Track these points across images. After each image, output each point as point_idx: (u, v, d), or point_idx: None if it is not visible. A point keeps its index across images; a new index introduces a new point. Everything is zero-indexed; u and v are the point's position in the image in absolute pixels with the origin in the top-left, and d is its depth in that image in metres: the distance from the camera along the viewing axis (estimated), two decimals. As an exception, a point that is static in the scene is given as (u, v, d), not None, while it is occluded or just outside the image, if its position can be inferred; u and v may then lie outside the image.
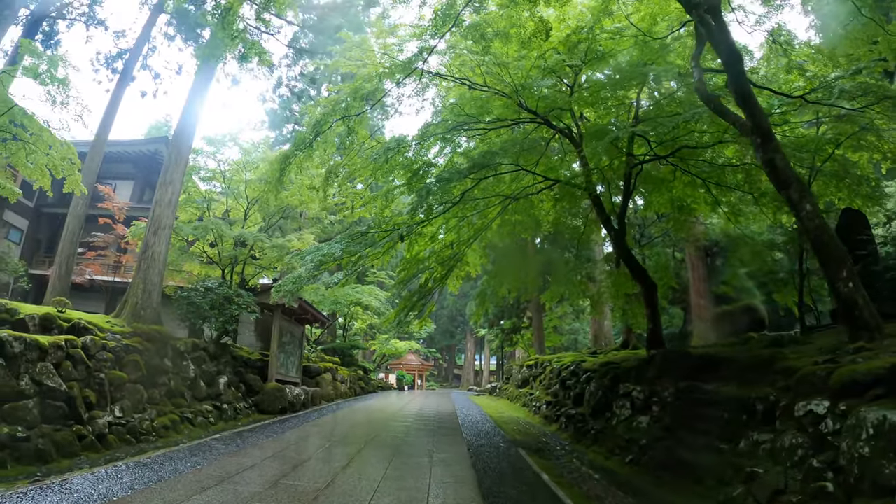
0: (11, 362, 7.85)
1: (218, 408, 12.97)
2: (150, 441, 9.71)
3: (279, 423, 13.41)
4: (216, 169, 18.48)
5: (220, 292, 14.46)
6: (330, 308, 25.81)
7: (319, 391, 19.17)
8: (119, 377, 10.07)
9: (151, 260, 13.63)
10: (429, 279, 13.20)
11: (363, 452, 9.83)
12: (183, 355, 12.74)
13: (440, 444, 11.39)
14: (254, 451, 9.36)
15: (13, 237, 23.20)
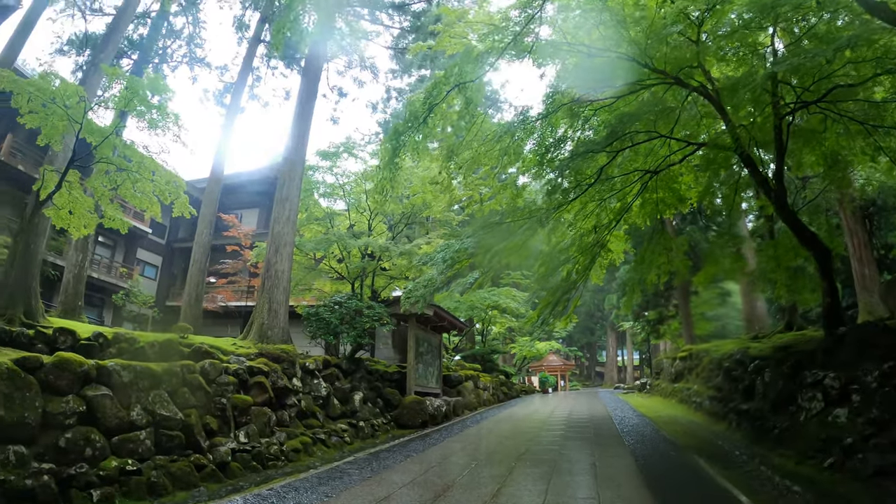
0: (121, 392, 7.34)
1: (354, 426, 12.10)
2: (279, 467, 8.89)
3: (420, 438, 12.26)
4: (334, 183, 18.09)
5: (350, 305, 13.76)
6: (466, 314, 24.75)
7: (461, 400, 17.95)
8: (243, 401, 9.45)
9: (275, 278, 13.26)
10: (571, 271, 12.34)
11: (515, 473, 8.23)
12: (313, 374, 12.08)
13: (602, 455, 9.64)
14: (390, 475, 8.16)
15: (149, 273, 25.19)
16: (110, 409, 7.01)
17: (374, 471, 8.53)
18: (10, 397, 5.98)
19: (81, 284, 13.79)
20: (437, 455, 10.09)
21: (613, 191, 11.43)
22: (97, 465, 6.47)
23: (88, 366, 7.07)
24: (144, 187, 9.75)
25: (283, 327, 12.91)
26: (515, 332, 36.12)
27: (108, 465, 6.54)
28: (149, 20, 16.47)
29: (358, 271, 16.20)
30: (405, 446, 11.14)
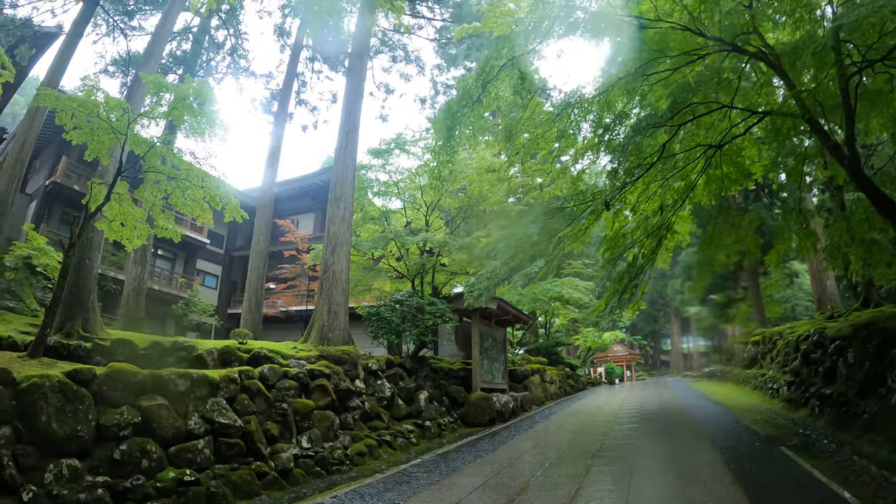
0: (177, 401, 7.11)
1: (420, 426, 11.62)
2: (343, 472, 8.47)
3: (488, 437, 11.64)
4: (388, 181, 17.71)
5: (411, 303, 13.33)
6: (529, 307, 23.95)
7: (528, 395, 17.21)
8: (305, 405, 9.12)
9: (333, 279, 12.95)
10: (637, 256, 11.96)
11: (593, 472, 7.50)
12: (377, 374, 11.69)
13: (682, 450, 8.89)
14: (459, 478, 7.57)
15: (209, 283, 25.73)
16: (166, 419, 6.77)
17: (443, 474, 7.96)
18: (61, 410, 5.81)
19: (142, 296, 13.99)
20: (507, 454, 9.42)
21: (676, 169, 10.79)
22: (154, 477, 6.23)
23: (143, 375, 6.86)
24: (195, 194, 9.56)
25: (343, 328, 12.58)
26: (579, 322, 34.95)
27: (166, 477, 6.28)
28: (190, 35, 16.66)
29: (417, 268, 15.75)
30: (473, 446, 10.53)
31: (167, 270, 24.29)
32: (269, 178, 16.88)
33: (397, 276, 16.85)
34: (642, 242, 11.90)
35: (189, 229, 24.31)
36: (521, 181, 16.71)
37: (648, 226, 11.87)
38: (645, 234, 11.86)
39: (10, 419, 5.36)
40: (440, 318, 13.38)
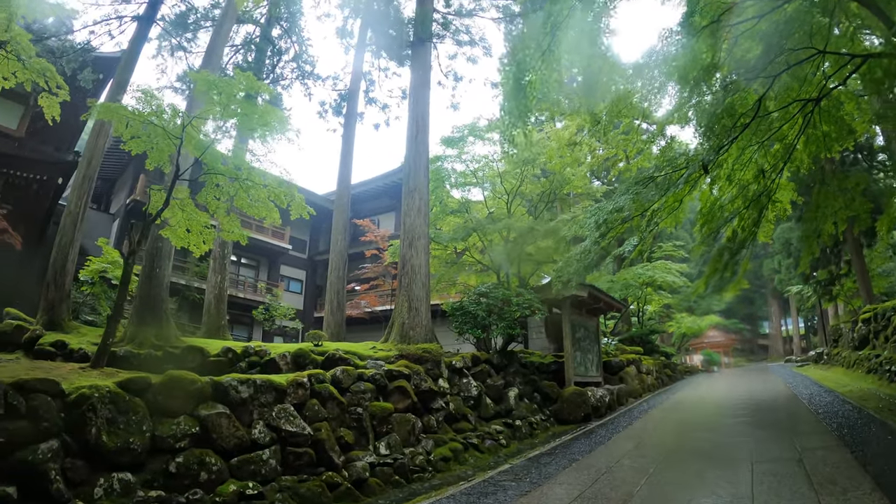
0: (239, 409, 6.56)
1: (510, 425, 10.58)
2: (425, 479, 7.61)
3: (583, 436, 10.42)
4: (465, 171, 16.81)
5: (496, 295, 12.37)
6: (621, 294, 22.34)
7: (624, 388, 15.67)
8: (383, 408, 8.37)
9: (412, 274, 12.24)
10: (736, 230, 11.25)
11: (706, 479, 6.22)
12: (461, 372, 10.79)
13: (807, 448, 7.36)
14: (553, 488, 6.49)
15: (294, 288, 25.95)
16: (227, 429, 6.22)
17: (534, 482, 6.88)
18: (113, 422, 5.38)
19: (223, 304, 13.97)
20: (605, 457, 8.17)
21: (772, 130, 9.79)
22: (213, 491, 5.68)
23: (202, 383, 6.36)
24: (258, 194, 9.13)
25: (425, 325, 11.81)
26: (673, 308, 32.74)
27: (226, 490, 5.71)
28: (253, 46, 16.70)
29: (504, 256, 14.74)
30: (568, 447, 9.34)
31: (251, 278, 24.74)
32: (344, 178, 16.53)
33: (482, 269, 15.91)
34: (741, 214, 11.01)
35: (270, 236, 24.88)
36: (605, 154, 15.22)
37: (747, 195, 10.93)
38: (744, 204, 10.95)
39: (59, 432, 4.95)
40: (528, 310, 12.27)
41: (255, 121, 8.35)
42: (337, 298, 15.04)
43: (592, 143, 13.67)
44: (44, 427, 4.83)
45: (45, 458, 4.66)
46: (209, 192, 9.00)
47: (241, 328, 21.47)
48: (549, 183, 16.36)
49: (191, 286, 18.41)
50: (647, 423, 11.80)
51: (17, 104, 15.00)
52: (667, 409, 14.17)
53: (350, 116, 17.59)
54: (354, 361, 9.34)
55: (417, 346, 10.39)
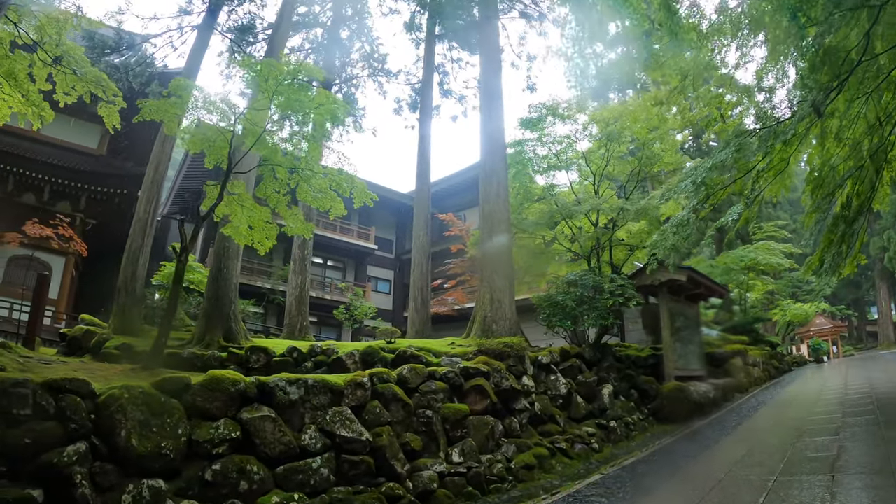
0: (288, 412, 5.86)
1: (603, 426, 9.25)
2: (503, 491, 6.56)
3: (686, 438, 8.93)
4: (547, 154, 15.47)
5: (586, 283, 11.04)
6: (721, 279, 19.94)
7: (730, 382, 13.61)
8: (456, 411, 7.39)
9: (493, 263, 11.22)
10: (850, 194, 9.59)
11: (843, 495, 4.77)
12: (549, 369, 9.57)
13: None
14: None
15: (382, 288, 25.52)
16: (272, 434, 5.51)
17: (628, 498, 5.60)
18: (145, 424, 4.79)
19: (304, 305, 13.68)
20: (713, 466, 6.69)
21: (880, 76, 8.10)
22: (254, 501, 4.99)
23: (245, 384, 5.70)
24: (318, 183, 8.55)
25: (509, 318, 10.70)
26: (777, 294, 29.41)
27: (268, 502, 5.01)
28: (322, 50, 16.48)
29: (591, 244, 13.30)
30: (669, 452, 7.91)
31: (338, 279, 24.61)
32: (423, 172, 15.85)
33: (573, 258, 14.50)
34: (855, 176, 9.44)
35: (355, 237, 24.77)
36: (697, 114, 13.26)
37: (860, 153, 9.30)
38: (857, 163, 9.37)
39: (88, 434, 4.50)
40: (621, 298, 10.81)
41: (305, 105, 7.76)
42: (421, 295, 14.32)
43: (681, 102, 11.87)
44: (72, 429, 4.41)
45: (70, 461, 4.20)
46: (268, 186, 8.52)
47: (329, 330, 21.45)
48: (637, 161, 14.58)
49: (276, 290, 18.59)
50: (758, 422, 10.01)
51: (96, 124, 15.70)
52: (779, 405, 12.17)
53: (425, 110, 16.90)
54: (427, 359, 8.46)
55: (498, 341, 9.31)
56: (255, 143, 7.76)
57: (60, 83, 8.00)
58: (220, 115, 7.73)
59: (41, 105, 7.99)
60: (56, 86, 8.01)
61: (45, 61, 7.72)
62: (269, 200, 8.60)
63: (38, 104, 7.96)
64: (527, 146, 14.45)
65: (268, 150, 8.07)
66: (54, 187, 14.47)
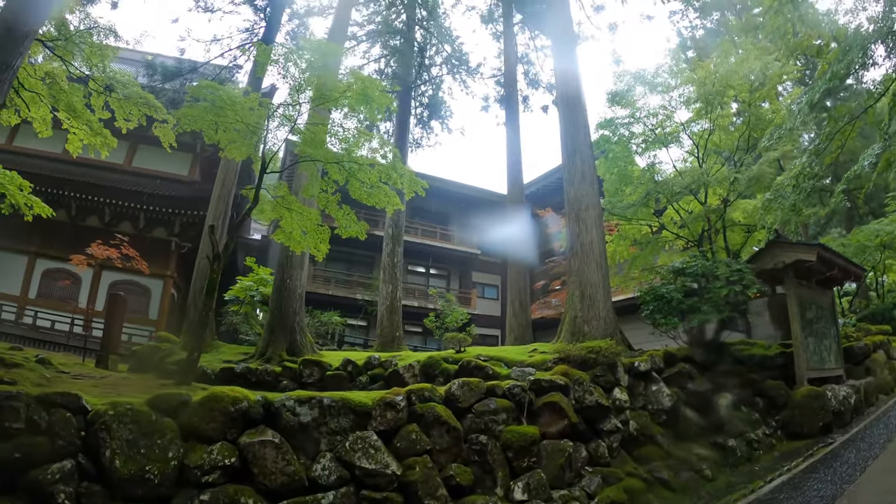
0: (299, 437, 4.85)
1: (719, 446, 7.17)
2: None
3: (825, 462, 6.53)
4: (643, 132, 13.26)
5: (696, 270, 8.98)
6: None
7: (872, 381, 10.14)
8: (522, 435, 5.87)
9: (582, 254, 9.49)
10: None
11: None
12: (649, 377, 7.66)
13: None
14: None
15: (489, 294, 23.78)
16: (273, 462, 4.53)
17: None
18: (133, 444, 4.19)
19: (396, 315, 12.84)
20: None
21: None
22: (247, 541, 4.04)
23: (249, 403, 4.79)
24: (367, 177, 7.65)
25: (604, 318, 8.91)
26: None
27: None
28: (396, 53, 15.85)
29: (701, 225, 10.98)
30: (801, 485, 5.69)
31: (442, 287, 23.37)
32: (513, 168, 14.47)
33: (684, 246, 12.20)
34: None
35: (456, 243, 23.68)
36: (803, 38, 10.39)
37: None
38: None
39: (76, 451, 4.05)
40: (739, 285, 8.53)
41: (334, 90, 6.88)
42: (519, 298, 12.90)
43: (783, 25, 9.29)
44: (59, 445, 4.01)
45: (54, 479, 3.81)
46: (314, 185, 7.80)
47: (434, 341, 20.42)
48: (745, 127, 11.87)
49: (375, 301, 18.10)
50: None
51: (186, 153, 16.34)
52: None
53: (511, 103, 15.56)
54: (495, 370, 7.11)
55: (583, 346, 7.61)
56: (292, 130, 6.99)
57: (118, 109, 7.95)
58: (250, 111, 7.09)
59: (104, 133, 8.04)
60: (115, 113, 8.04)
61: (97, 90, 7.74)
62: (318, 201, 7.87)
63: (100, 133, 8.02)
64: (619, 125, 12.44)
65: (308, 145, 7.31)
66: (149, 215, 15.20)
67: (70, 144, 7.96)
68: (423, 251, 22.29)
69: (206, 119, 6.89)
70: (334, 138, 7.44)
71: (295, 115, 7.14)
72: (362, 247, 17.44)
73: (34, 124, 7.71)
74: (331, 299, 18.54)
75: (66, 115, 7.64)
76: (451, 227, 24.15)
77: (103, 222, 15.54)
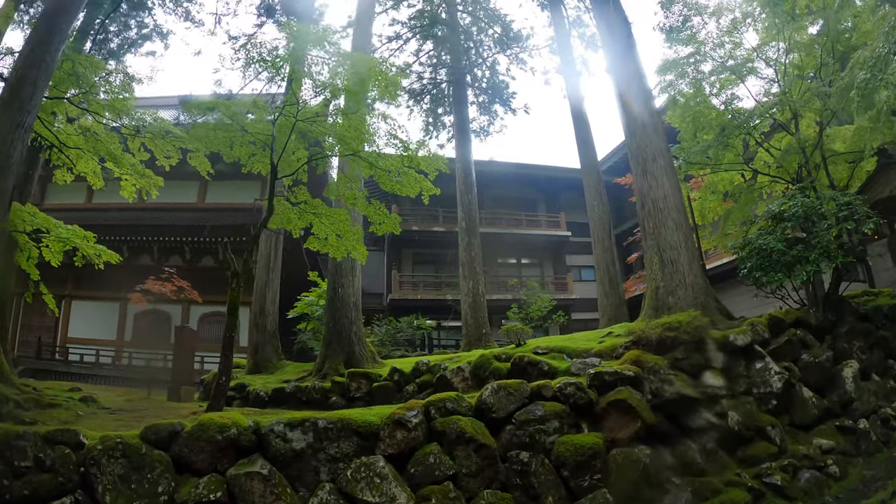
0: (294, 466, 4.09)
1: (848, 430, 5.37)
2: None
3: None
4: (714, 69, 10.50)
5: (796, 210, 6.84)
6: None
7: None
8: (579, 446, 4.53)
9: (656, 213, 7.70)
10: None
11: None
12: (750, 353, 5.79)
13: None
14: None
15: (587, 276, 21.27)
16: (261, 497, 3.82)
17: None
18: (125, 479, 3.83)
19: (481, 311, 11.70)
20: None
21: None
22: None
23: (239, 430, 4.14)
24: (389, 164, 6.85)
25: (691, 284, 7.03)
26: None
27: None
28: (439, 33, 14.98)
29: (796, 159, 8.51)
30: None
31: (536, 276, 21.50)
32: (582, 136, 12.82)
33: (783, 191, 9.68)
34: None
35: (544, 227, 21.81)
36: None
37: None
38: None
39: (75, 488, 3.87)
40: (851, 222, 6.37)
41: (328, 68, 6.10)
42: (608, 276, 11.30)
43: None
44: (59, 482, 3.86)
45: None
46: (340, 183, 7.15)
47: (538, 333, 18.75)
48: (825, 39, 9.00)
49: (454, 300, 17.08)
50: None
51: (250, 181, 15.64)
52: None
53: (568, 70, 13.95)
54: (552, 365, 5.89)
55: (657, 323, 6.00)
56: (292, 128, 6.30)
57: (155, 149, 7.95)
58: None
59: (145, 174, 8.10)
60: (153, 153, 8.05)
61: (129, 134, 7.77)
62: (344, 200, 7.20)
63: (142, 173, 8.08)
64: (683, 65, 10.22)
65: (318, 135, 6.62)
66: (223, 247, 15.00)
67: (124, 191, 8.12)
68: (510, 241, 20.87)
69: (218, 137, 6.54)
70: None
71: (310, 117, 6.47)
72: (447, 246, 16.68)
73: (88, 178, 7.99)
74: (420, 304, 17.86)
75: (111, 164, 7.79)
76: (538, 212, 22.44)
77: (185, 260, 15.94)
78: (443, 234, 15.28)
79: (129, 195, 8.11)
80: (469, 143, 13.71)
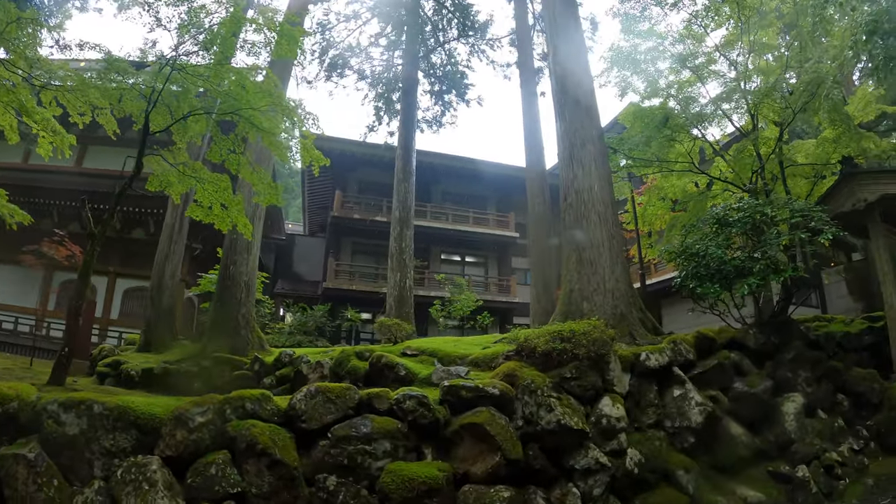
0: (65, 453, 3.22)
1: (783, 478, 4.36)
2: None
3: None
4: (671, 67, 9.20)
5: (744, 216, 5.72)
6: None
7: None
8: (412, 479, 3.52)
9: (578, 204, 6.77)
10: None
11: None
12: (666, 376, 4.73)
13: None
14: None
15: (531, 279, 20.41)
16: (24, 484, 3.03)
17: None
18: None
19: (406, 306, 10.54)
20: None
21: None
22: None
23: (21, 403, 3.39)
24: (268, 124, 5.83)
25: (611, 289, 6.04)
26: None
27: None
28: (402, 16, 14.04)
29: (750, 165, 7.40)
30: None
31: (480, 276, 20.44)
32: (530, 134, 11.72)
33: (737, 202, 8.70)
34: None
35: (493, 227, 20.56)
36: None
37: None
38: None
39: None
40: (804, 231, 5.34)
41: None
42: (542, 279, 10.15)
43: None
44: None
45: None
46: (221, 145, 6.09)
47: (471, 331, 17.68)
48: (794, 41, 7.94)
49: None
50: None
51: None
52: None
53: (526, 73, 12.73)
54: (410, 371, 4.81)
55: (546, 331, 4.78)
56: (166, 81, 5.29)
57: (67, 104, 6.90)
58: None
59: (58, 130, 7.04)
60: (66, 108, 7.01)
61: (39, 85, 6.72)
62: (228, 165, 6.15)
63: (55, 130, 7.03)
64: (640, 61, 9.18)
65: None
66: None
67: (40, 148, 7.02)
68: (455, 238, 19.60)
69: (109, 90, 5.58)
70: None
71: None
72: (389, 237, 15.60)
73: (6, 133, 6.92)
74: (355, 294, 16.76)
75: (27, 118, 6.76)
76: (487, 210, 21.11)
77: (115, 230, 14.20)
78: (385, 224, 14.30)
79: (45, 153, 7.06)
80: (413, 129, 12.62)
